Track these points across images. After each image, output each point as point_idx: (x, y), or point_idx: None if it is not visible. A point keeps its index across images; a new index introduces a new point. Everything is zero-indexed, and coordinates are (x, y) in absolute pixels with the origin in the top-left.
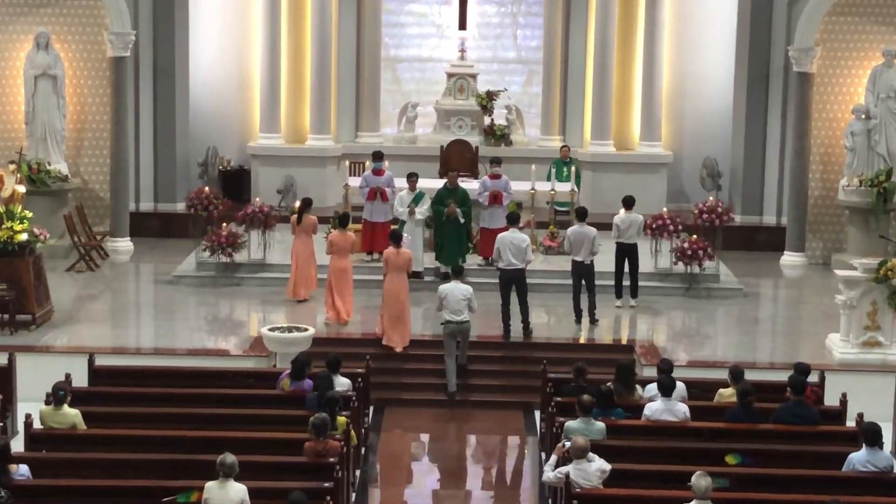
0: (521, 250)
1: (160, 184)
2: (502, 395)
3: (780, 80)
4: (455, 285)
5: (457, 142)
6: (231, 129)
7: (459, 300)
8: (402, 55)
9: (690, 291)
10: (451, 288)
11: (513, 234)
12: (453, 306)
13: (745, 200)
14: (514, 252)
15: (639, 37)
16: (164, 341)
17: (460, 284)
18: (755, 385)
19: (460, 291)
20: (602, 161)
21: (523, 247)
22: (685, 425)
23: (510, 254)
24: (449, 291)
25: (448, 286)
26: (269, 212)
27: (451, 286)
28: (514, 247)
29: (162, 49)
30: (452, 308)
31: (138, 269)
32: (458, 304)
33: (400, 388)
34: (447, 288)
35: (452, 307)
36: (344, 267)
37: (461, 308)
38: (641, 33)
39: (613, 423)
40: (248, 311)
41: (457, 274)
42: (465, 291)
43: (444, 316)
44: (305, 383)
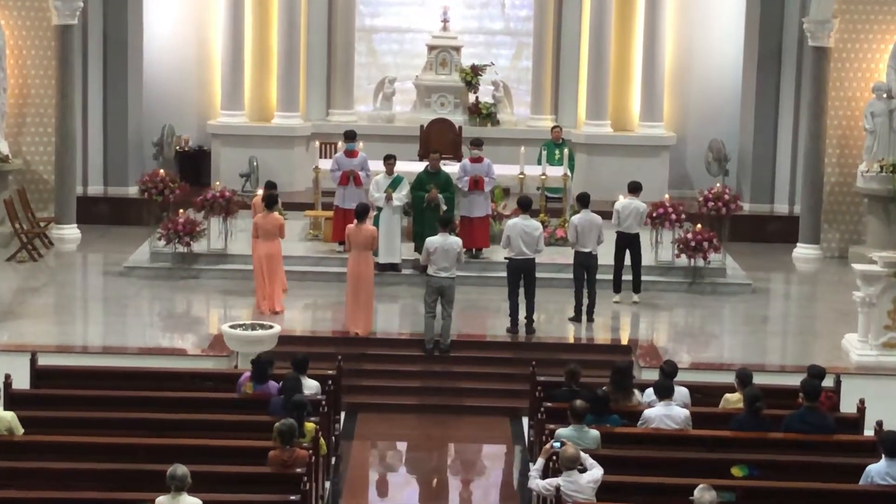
0: (534, 238)
1: (110, 165)
2: (487, 399)
3: (793, 55)
4: (444, 238)
5: (438, 121)
6: (189, 105)
7: (449, 254)
8: (378, 25)
9: (694, 287)
10: (440, 241)
11: (524, 220)
12: (441, 262)
13: (754, 187)
14: (526, 240)
15: (639, 7)
16: (113, 339)
17: (449, 237)
18: (764, 390)
19: (450, 243)
20: (598, 143)
21: (536, 235)
22: (687, 433)
23: (521, 242)
24: (439, 244)
25: (437, 239)
26: (231, 197)
27: (440, 239)
28: (526, 234)
29: (113, 17)
30: (440, 263)
31: (86, 260)
32: (448, 258)
33: (374, 391)
34: (436, 241)
35: (440, 262)
36: (271, 252)
37: (450, 263)
38: (642, 3)
39: (609, 430)
40: (208, 307)
41: (445, 225)
42: (455, 244)
43: (429, 270)
44: (270, 386)
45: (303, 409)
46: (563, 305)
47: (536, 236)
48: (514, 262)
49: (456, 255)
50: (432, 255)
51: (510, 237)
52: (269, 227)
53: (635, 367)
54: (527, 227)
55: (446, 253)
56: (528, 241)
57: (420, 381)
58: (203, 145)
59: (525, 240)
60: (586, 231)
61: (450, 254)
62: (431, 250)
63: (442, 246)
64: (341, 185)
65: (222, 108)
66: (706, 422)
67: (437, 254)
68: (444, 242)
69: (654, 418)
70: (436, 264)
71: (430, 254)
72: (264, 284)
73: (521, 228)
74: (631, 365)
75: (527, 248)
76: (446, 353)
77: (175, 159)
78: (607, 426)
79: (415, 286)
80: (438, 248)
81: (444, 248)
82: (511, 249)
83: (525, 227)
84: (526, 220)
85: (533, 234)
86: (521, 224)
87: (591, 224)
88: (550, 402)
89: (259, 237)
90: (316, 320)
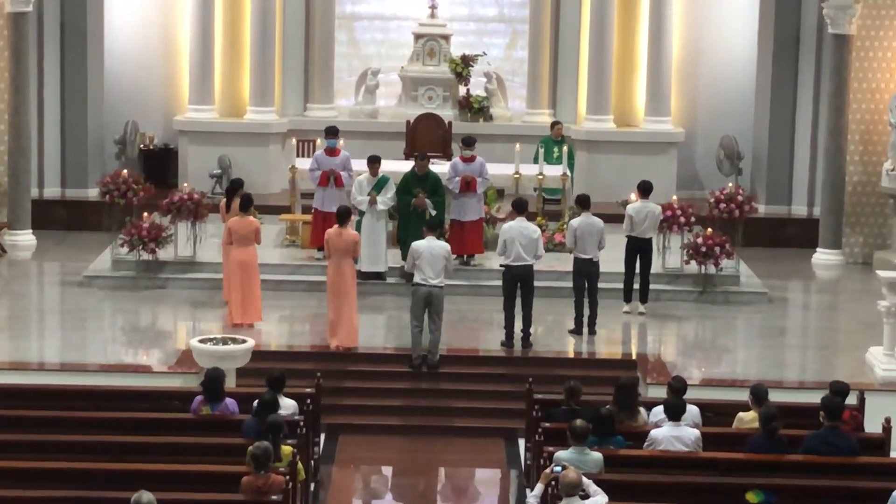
0: (533, 243)
1: (68, 165)
2: (479, 419)
3: (812, 43)
4: (430, 242)
5: (426, 116)
6: (154, 99)
7: (436, 259)
8: (360, 12)
9: (705, 296)
10: (426, 245)
11: (522, 224)
12: (428, 269)
13: (770, 187)
14: (525, 245)
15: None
16: (72, 355)
17: (436, 241)
18: (782, 408)
19: (437, 249)
20: (599, 140)
21: (535, 238)
22: (698, 456)
23: (520, 247)
24: (425, 249)
25: (423, 243)
26: (200, 200)
27: (427, 243)
28: (524, 238)
29: (71, 3)
30: (427, 271)
31: (42, 268)
32: (435, 264)
33: (357, 411)
34: (422, 245)
35: (427, 270)
36: (246, 259)
37: (438, 270)
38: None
39: (612, 453)
40: (175, 319)
41: (432, 228)
42: (444, 249)
43: (415, 278)
44: (228, 404)
45: (279, 431)
46: (562, 317)
47: (535, 240)
48: (512, 270)
49: (444, 262)
50: (418, 261)
51: (507, 242)
52: (244, 231)
53: (641, 384)
54: (524, 230)
55: (433, 259)
56: (527, 245)
57: (407, 399)
58: (169, 143)
59: (524, 244)
60: (586, 236)
61: (437, 260)
62: (417, 256)
63: (429, 251)
64: (321, 187)
65: (190, 103)
66: (718, 443)
67: (424, 260)
68: (431, 247)
69: (661, 440)
70: (422, 272)
71: (415, 260)
72: (239, 295)
73: (519, 232)
74: (636, 381)
75: (525, 254)
76: (435, 369)
77: (139, 159)
78: (611, 448)
79: (401, 296)
80: (424, 253)
81: (430, 253)
82: (508, 256)
83: (523, 230)
84: (523, 223)
85: (532, 238)
86: (519, 228)
87: (591, 228)
88: (549, 423)
89: (233, 243)
90: (293, 334)
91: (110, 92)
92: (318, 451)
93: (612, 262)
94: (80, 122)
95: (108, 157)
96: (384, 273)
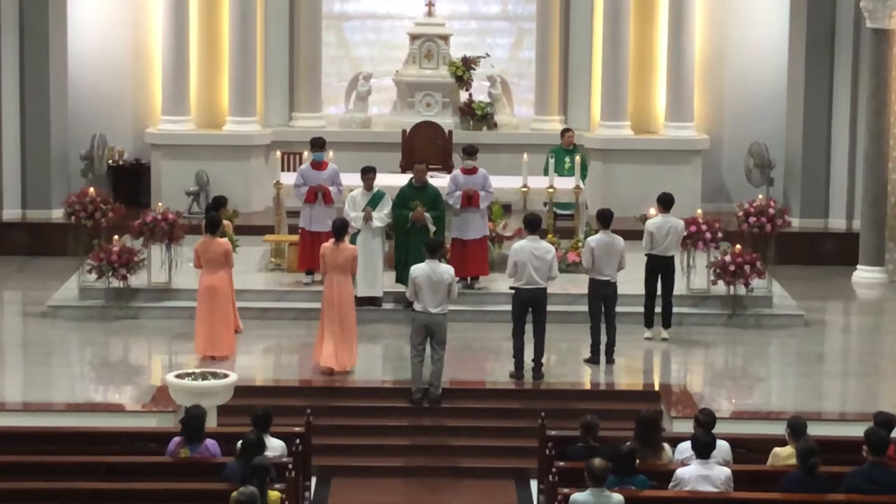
0: (546, 264)
1: (29, 184)
2: (488, 459)
3: (848, 40)
4: (432, 266)
5: (424, 125)
6: (124, 111)
7: (438, 286)
8: (350, 11)
9: (734, 319)
10: (427, 270)
11: (533, 242)
12: (428, 297)
13: (804, 199)
14: (537, 266)
15: None
16: (36, 394)
17: (439, 264)
18: (821, 442)
19: (439, 274)
20: (616, 148)
21: (548, 259)
22: (729, 496)
23: (532, 269)
24: (425, 275)
25: (423, 268)
26: (176, 220)
27: (427, 268)
28: (536, 259)
29: (31, 6)
30: (427, 298)
31: (1, 298)
32: (437, 291)
33: (352, 451)
34: (422, 270)
35: (429, 297)
36: (214, 285)
37: (441, 298)
38: None
39: (634, 494)
40: (149, 353)
41: (433, 250)
42: (447, 274)
43: (415, 305)
44: (209, 445)
45: (265, 475)
46: (577, 344)
47: (549, 261)
48: (522, 294)
49: (447, 287)
50: (419, 288)
51: (517, 263)
52: (211, 254)
53: (665, 418)
54: (536, 250)
55: (435, 285)
56: (540, 267)
57: (407, 438)
58: (141, 158)
59: (536, 266)
60: (605, 255)
61: (440, 286)
62: (418, 282)
63: (430, 276)
64: (308, 204)
65: (163, 114)
66: (752, 482)
67: (425, 286)
68: (433, 272)
69: (688, 479)
70: (423, 300)
71: (416, 286)
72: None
73: (531, 253)
74: (660, 415)
75: (538, 276)
76: (437, 404)
77: (108, 176)
78: (632, 489)
79: (399, 323)
80: (425, 278)
81: (432, 279)
82: (518, 278)
83: (535, 250)
84: (535, 241)
85: (545, 259)
86: (530, 247)
87: (610, 247)
88: (564, 462)
89: (200, 267)
90: (280, 367)
91: (75, 102)
92: (310, 495)
93: (631, 284)
94: (42, 136)
95: (74, 174)
96: (380, 298)
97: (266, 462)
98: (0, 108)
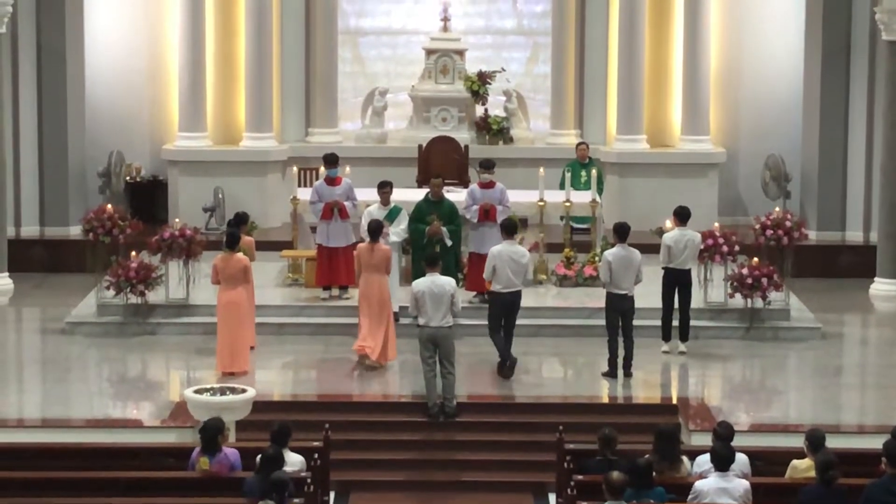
0: (523, 267)
1: (47, 201)
2: (505, 473)
3: (864, 52)
4: (433, 279)
5: (440, 139)
6: (141, 127)
7: (439, 299)
8: (365, 26)
9: (752, 332)
10: (427, 283)
11: (511, 247)
12: (430, 310)
13: (821, 211)
14: (514, 270)
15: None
16: (55, 410)
17: (439, 277)
18: (840, 455)
19: (441, 286)
20: (632, 162)
21: (524, 262)
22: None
23: (510, 272)
24: (426, 288)
25: (424, 282)
26: (193, 236)
27: (428, 281)
28: (513, 263)
29: (48, 23)
30: (430, 311)
31: (20, 315)
32: (439, 304)
33: (369, 466)
34: (423, 284)
35: (430, 310)
36: (234, 300)
37: (443, 311)
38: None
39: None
40: (167, 369)
41: (432, 264)
42: (448, 285)
43: (419, 319)
44: (230, 454)
45: (284, 489)
46: (594, 358)
47: (525, 263)
48: (503, 297)
49: (449, 300)
50: (421, 302)
51: (495, 267)
52: (230, 270)
53: (683, 431)
54: (513, 254)
55: (437, 298)
56: (517, 270)
57: (424, 452)
58: (158, 175)
59: (513, 269)
60: (622, 269)
61: (442, 298)
62: (419, 296)
63: (430, 289)
64: (324, 220)
65: (180, 130)
66: (770, 495)
67: (427, 299)
68: (434, 285)
69: (707, 492)
70: (426, 314)
71: (417, 300)
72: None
73: (508, 256)
74: (678, 428)
75: (515, 278)
76: (453, 418)
77: (125, 192)
78: (651, 502)
79: (415, 339)
80: (426, 292)
81: (432, 291)
82: (497, 281)
83: (512, 254)
84: (512, 246)
85: (521, 262)
86: (508, 251)
87: (628, 261)
88: (582, 475)
89: (219, 283)
90: (298, 382)
91: (92, 119)
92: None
93: (648, 297)
94: (60, 154)
95: (91, 191)
96: (396, 313)
97: (285, 477)
98: (18, 125)
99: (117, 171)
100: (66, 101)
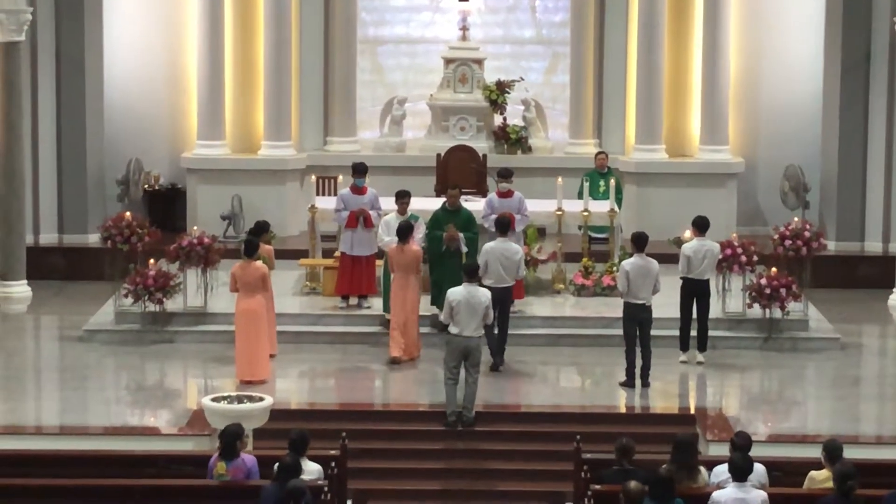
0: (514, 264)
1: (66, 209)
2: (522, 482)
3: (883, 62)
4: (470, 290)
5: (458, 149)
6: (159, 135)
7: (476, 310)
8: (384, 35)
9: (770, 343)
10: (464, 293)
11: (503, 244)
12: (465, 321)
13: (840, 221)
14: (506, 266)
15: (697, 9)
16: (72, 417)
17: (477, 288)
18: (858, 466)
19: (477, 298)
20: (650, 172)
21: (516, 259)
22: None
23: (501, 268)
24: (463, 298)
25: (460, 291)
26: (211, 244)
27: (465, 291)
28: (505, 259)
29: (68, 32)
30: (465, 322)
31: (38, 322)
32: (475, 315)
33: (387, 474)
34: (459, 294)
35: (464, 321)
36: (252, 308)
37: (478, 322)
38: (701, 4)
39: None
40: (185, 377)
41: (471, 274)
42: (484, 297)
43: (450, 328)
44: (247, 460)
45: (301, 498)
46: (612, 368)
47: (516, 261)
48: (494, 292)
49: (483, 311)
50: (456, 311)
51: (488, 262)
52: (248, 278)
53: (701, 441)
54: (506, 251)
55: (472, 309)
56: (508, 266)
57: (442, 461)
58: (177, 183)
59: (505, 265)
60: (640, 279)
61: (477, 309)
62: (456, 306)
63: (467, 300)
64: (349, 228)
65: (199, 139)
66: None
67: (463, 310)
68: (471, 296)
69: (725, 502)
70: (459, 324)
71: (453, 310)
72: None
73: (501, 252)
74: (695, 438)
75: (507, 275)
76: (471, 427)
77: (143, 200)
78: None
79: (433, 347)
80: (462, 302)
81: (469, 302)
82: (488, 277)
83: (504, 251)
84: (505, 243)
85: (513, 259)
86: (501, 248)
87: (645, 271)
88: (599, 485)
89: (237, 291)
90: (315, 390)
91: (111, 127)
92: None
93: (666, 307)
94: (79, 162)
95: (110, 199)
96: None
97: (302, 485)
98: (37, 133)
99: (136, 179)
100: (84, 110)
